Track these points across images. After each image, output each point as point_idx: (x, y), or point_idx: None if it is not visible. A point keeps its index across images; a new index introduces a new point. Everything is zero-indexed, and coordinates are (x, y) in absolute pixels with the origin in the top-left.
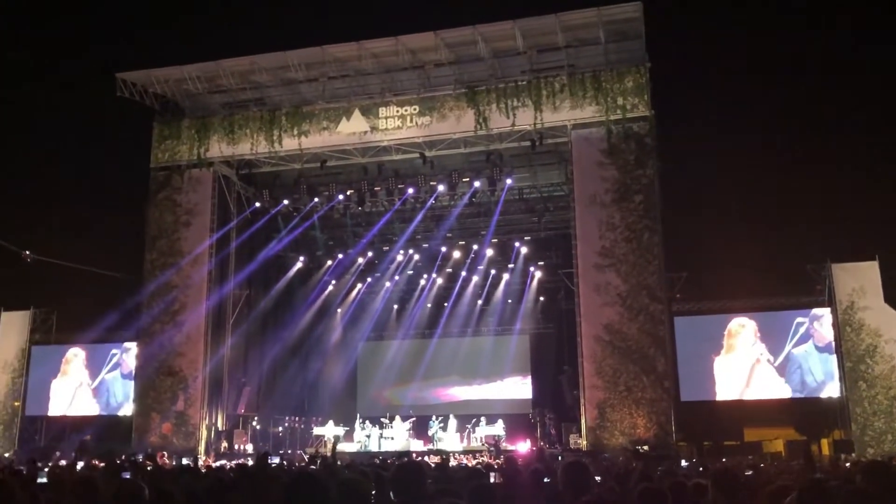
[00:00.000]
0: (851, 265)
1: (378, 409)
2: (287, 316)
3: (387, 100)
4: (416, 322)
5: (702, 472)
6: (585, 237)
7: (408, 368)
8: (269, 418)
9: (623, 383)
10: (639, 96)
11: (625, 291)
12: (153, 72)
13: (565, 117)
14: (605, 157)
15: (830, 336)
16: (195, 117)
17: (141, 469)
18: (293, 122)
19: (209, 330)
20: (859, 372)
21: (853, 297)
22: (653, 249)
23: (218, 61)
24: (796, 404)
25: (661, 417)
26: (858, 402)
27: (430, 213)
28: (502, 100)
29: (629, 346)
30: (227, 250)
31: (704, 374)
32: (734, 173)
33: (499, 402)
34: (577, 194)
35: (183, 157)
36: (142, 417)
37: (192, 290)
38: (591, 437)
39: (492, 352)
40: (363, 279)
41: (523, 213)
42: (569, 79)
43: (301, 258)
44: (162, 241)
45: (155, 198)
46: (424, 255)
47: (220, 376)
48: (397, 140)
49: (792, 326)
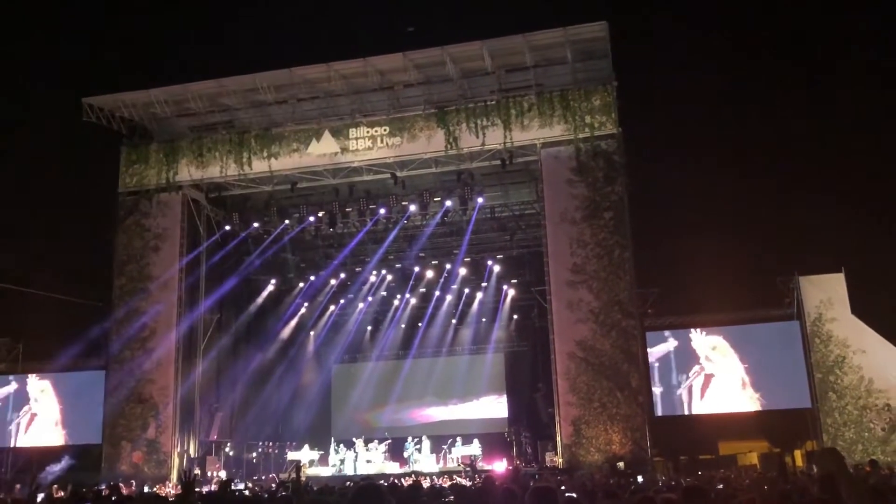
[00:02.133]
0: (818, 277)
1: (353, 431)
2: (259, 339)
3: (357, 121)
4: (390, 343)
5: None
6: (557, 254)
7: (382, 390)
8: (242, 444)
9: (597, 399)
10: (606, 114)
11: (597, 308)
12: (120, 96)
13: (534, 136)
14: (575, 175)
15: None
16: (163, 141)
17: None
18: (263, 145)
19: (180, 355)
20: (829, 383)
21: (821, 309)
22: (624, 265)
23: (185, 84)
24: (769, 417)
25: (636, 433)
26: (829, 413)
27: (402, 233)
28: (472, 119)
29: (603, 363)
30: (198, 274)
31: (680, 388)
32: (702, 189)
33: (475, 422)
34: (548, 212)
35: (151, 181)
36: (112, 446)
37: (162, 315)
38: (567, 454)
39: (467, 371)
40: (336, 301)
41: (495, 232)
42: (537, 98)
43: (273, 281)
44: (131, 266)
45: (123, 223)
46: (397, 276)
47: (191, 402)
48: (368, 161)
49: (763, 339)
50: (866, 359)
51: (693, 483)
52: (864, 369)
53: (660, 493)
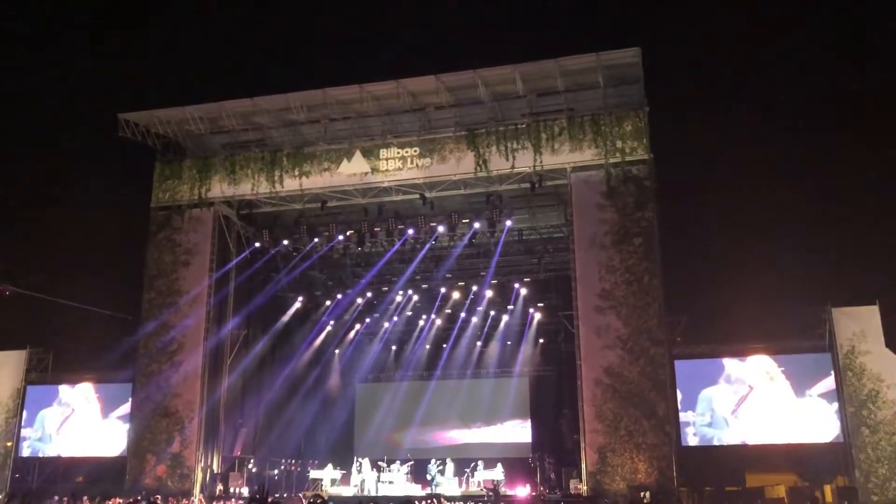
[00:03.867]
0: (852, 309)
1: (376, 451)
2: (285, 356)
3: (388, 141)
4: (414, 363)
5: None
6: (585, 279)
7: (406, 411)
8: (265, 461)
9: (624, 427)
10: (637, 140)
11: (625, 334)
12: (155, 112)
13: (565, 160)
14: (605, 200)
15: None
16: (197, 157)
17: None
18: (294, 163)
19: (206, 370)
20: (861, 417)
21: (854, 342)
22: (653, 292)
23: (220, 102)
24: (798, 450)
25: (663, 462)
26: (862, 449)
27: (430, 253)
28: (502, 142)
29: (630, 390)
30: (226, 290)
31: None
32: (734, 216)
33: (498, 446)
34: (577, 236)
35: (184, 196)
36: (136, 459)
37: (190, 330)
38: (592, 481)
39: (491, 394)
40: (362, 320)
41: (523, 255)
42: (568, 122)
43: (300, 298)
44: (160, 280)
45: (155, 237)
46: (424, 296)
47: (216, 417)
48: (398, 181)
49: (794, 370)
50: None
51: None
52: None
53: None
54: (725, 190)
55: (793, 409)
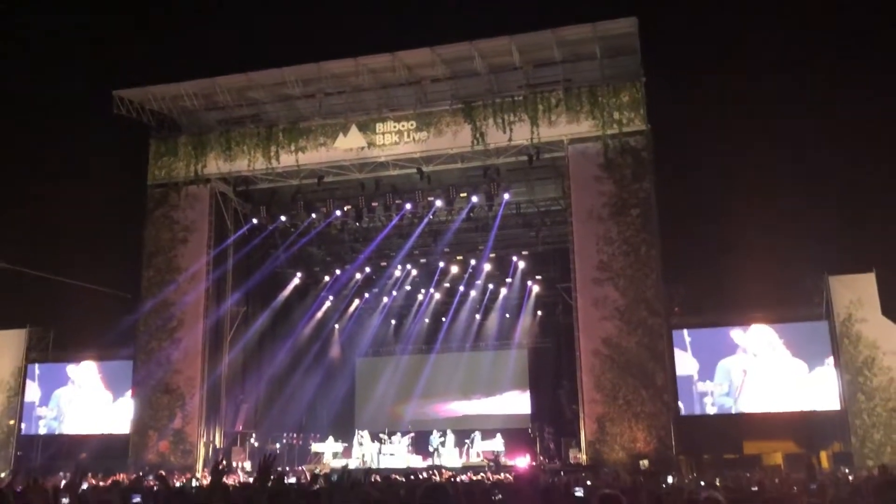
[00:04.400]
0: (848, 277)
1: (377, 424)
2: (285, 332)
3: (384, 115)
4: (414, 337)
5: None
6: (583, 251)
7: (406, 384)
8: (267, 435)
9: (622, 397)
10: (635, 111)
11: (623, 305)
12: (150, 89)
13: (562, 132)
14: (602, 172)
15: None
16: (192, 134)
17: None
18: (290, 139)
19: (207, 347)
20: (857, 384)
21: (850, 310)
22: (650, 263)
23: (214, 78)
24: (795, 417)
25: (661, 431)
26: (857, 415)
27: (428, 228)
28: (499, 115)
29: (628, 360)
30: (225, 267)
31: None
32: (731, 187)
33: (498, 417)
34: (575, 209)
35: (180, 174)
36: (139, 435)
37: (190, 307)
38: (591, 451)
39: (490, 367)
40: (361, 295)
41: (521, 228)
42: (565, 94)
43: (299, 274)
44: (159, 258)
45: (152, 215)
46: (422, 271)
47: (217, 393)
48: (394, 155)
49: (790, 339)
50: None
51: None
52: (894, 370)
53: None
54: (723, 160)
55: (791, 377)
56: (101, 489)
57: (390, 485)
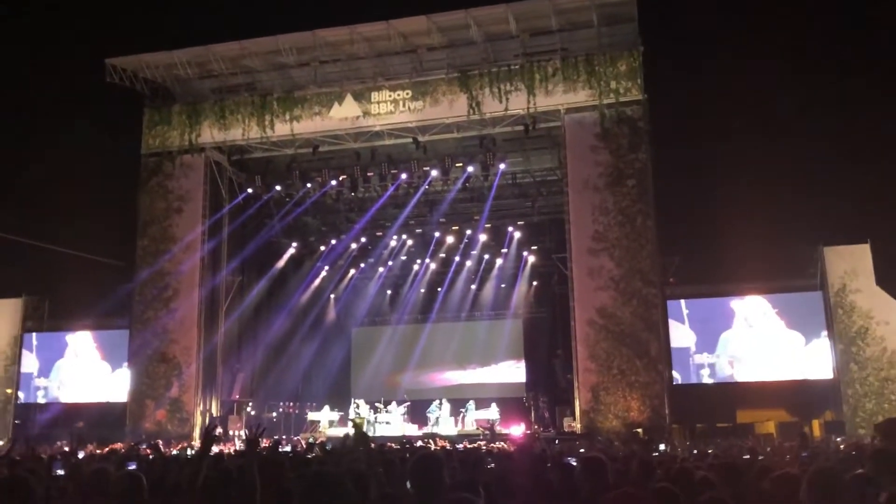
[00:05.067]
0: (843, 248)
1: (373, 393)
2: (281, 302)
3: (379, 84)
4: (409, 307)
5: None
6: (579, 221)
7: (402, 353)
8: (263, 404)
9: (616, 367)
10: (632, 80)
11: (618, 275)
12: (143, 57)
13: (558, 101)
14: (599, 142)
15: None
16: (186, 103)
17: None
18: (285, 108)
19: (203, 316)
20: (851, 354)
21: (845, 280)
22: (646, 234)
23: (208, 46)
24: (787, 386)
25: (655, 400)
26: (850, 384)
27: (424, 198)
28: (495, 84)
29: (622, 330)
30: (220, 237)
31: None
32: (727, 157)
33: (493, 386)
34: (571, 179)
35: (174, 143)
36: (136, 404)
37: (185, 276)
38: (585, 419)
39: (486, 336)
40: (356, 265)
41: (516, 198)
42: (562, 63)
43: (294, 244)
44: (154, 227)
45: (146, 184)
46: (418, 241)
47: (214, 362)
48: (390, 125)
49: (784, 309)
50: (890, 330)
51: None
52: (886, 340)
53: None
54: (719, 131)
55: (786, 347)
56: (97, 457)
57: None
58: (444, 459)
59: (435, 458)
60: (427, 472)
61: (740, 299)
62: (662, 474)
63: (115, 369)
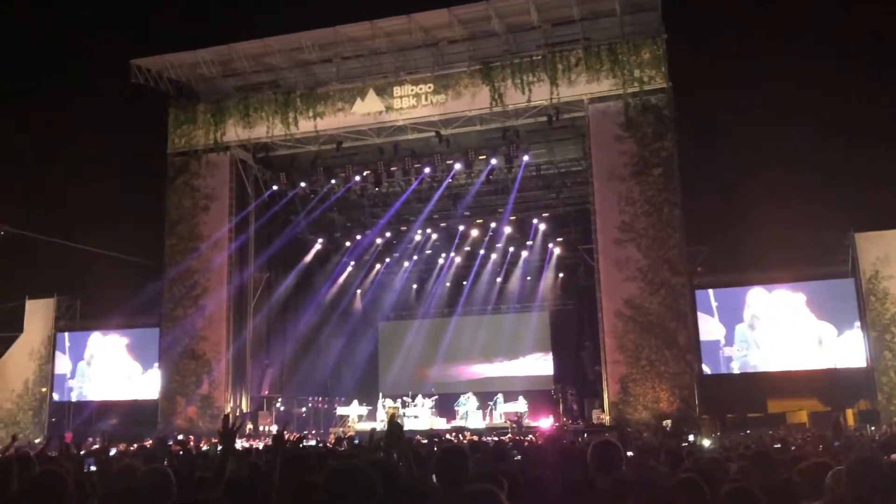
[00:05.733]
0: (875, 234)
1: (400, 387)
2: (308, 297)
3: (401, 79)
4: (435, 301)
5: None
6: (604, 212)
7: (429, 347)
8: (292, 399)
9: (645, 358)
10: (656, 68)
11: (645, 266)
12: (167, 57)
13: (582, 91)
14: (623, 131)
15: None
16: (210, 101)
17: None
18: (308, 104)
19: (231, 313)
20: (884, 342)
21: (877, 267)
22: (673, 223)
23: (231, 45)
24: (819, 375)
25: (684, 391)
26: (884, 372)
27: (447, 191)
28: (517, 75)
29: (650, 321)
30: (247, 234)
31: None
32: (754, 144)
33: (520, 379)
34: (595, 169)
35: (199, 141)
36: (167, 401)
37: (213, 274)
38: (614, 411)
39: (512, 329)
40: (382, 259)
41: (541, 190)
42: (584, 52)
43: (320, 240)
44: (181, 226)
45: (173, 183)
46: (442, 234)
47: (243, 359)
48: (412, 119)
49: (816, 296)
50: None
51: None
52: None
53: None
54: (746, 117)
55: (816, 337)
56: (127, 454)
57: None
58: (470, 452)
59: (460, 450)
60: (452, 464)
61: (768, 289)
62: (690, 464)
63: (146, 367)
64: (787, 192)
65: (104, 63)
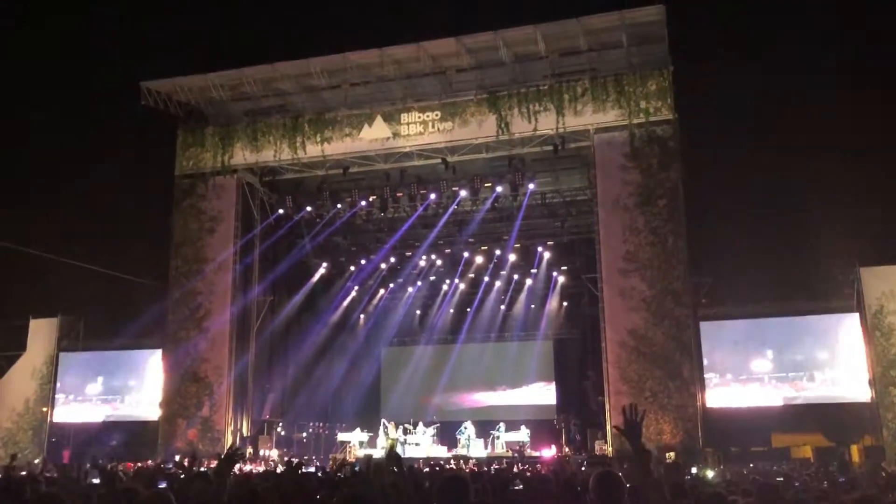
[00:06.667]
0: (881, 269)
1: (402, 414)
2: (311, 321)
3: (408, 106)
4: (439, 327)
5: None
6: (609, 241)
7: (431, 374)
8: (293, 424)
9: (649, 389)
10: (662, 100)
11: (650, 296)
12: (177, 80)
13: (588, 121)
14: (629, 161)
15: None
16: (219, 125)
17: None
18: (316, 129)
19: (234, 336)
20: (889, 377)
21: (882, 301)
22: (677, 254)
23: (241, 69)
24: (824, 409)
25: (688, 423)
26: (889, 408)
27: (453, 218)
28: (524, 104)
29: (654, 352)
30: (251, 257)
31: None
32: (760, 176)
33: (523, 408)
34: (601, 198)
35: (207, 164)
36: (168, 423)
37: (217, 296)
38: (617, 443)
39: (515, 357)
40: (386, 285)
41: (546, 218)
42: (591, 83)
43: (324, 264)
44: (186, 248)
45: (180, 205)
46: (447, 261)
47: (245, 382)
48: (419, 146)
49: (820, 331)
50: None
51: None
52: None
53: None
54: (751, 149)
55: (819, 369)
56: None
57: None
58: (471, 481)
59: (461, 479)
60: (453, 493)
61: (772, 321)
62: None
63: (147, 388)
64: (794, 225)
65: (113, 85)
